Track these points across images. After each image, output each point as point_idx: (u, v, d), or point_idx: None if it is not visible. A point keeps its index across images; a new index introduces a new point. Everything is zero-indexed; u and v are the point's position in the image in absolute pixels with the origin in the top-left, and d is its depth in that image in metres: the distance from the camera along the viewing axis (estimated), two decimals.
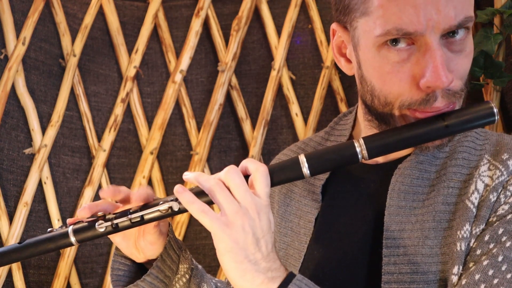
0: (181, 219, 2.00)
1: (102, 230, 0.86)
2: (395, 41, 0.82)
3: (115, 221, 0.86)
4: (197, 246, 2.02)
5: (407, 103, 0.84)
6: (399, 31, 0.80)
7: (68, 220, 0.90)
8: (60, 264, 1.86)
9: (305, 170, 0.84)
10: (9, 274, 1.77)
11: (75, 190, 1.95)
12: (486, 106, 0.84)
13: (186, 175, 0.84)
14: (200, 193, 0.81)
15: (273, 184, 0.83)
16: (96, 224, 0.86)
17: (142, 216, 0.85)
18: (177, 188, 0.80)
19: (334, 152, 0.86)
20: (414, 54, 0.82)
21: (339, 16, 0.91)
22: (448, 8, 0.79)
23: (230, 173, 0.80)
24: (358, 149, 0.84)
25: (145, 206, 0.87)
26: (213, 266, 1.98)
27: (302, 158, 0.84)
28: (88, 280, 1.93)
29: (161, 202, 0.85)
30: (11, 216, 1.79)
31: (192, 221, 2.03)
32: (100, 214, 0.88)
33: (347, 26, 0.90)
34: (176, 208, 0.83)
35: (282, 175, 0.84)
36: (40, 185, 1.86)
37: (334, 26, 0.94)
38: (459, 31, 0.83)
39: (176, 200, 0.83)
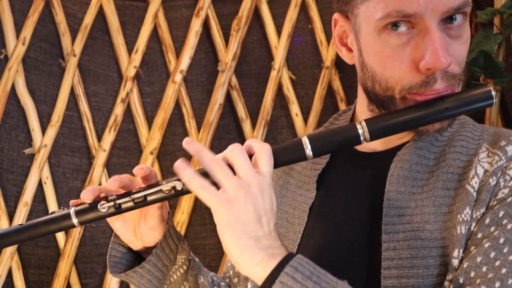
0: (181, 219, 2.00)
1: (104, 211, 0.85)
2: (395, 25, 0.84)
3: (118, 202, 0.85)
4: (197, 246, 2.02)
5: (407, 87, 0.86)
6: (399, 13, 0.82)
7: (71, 202, 0.90)
8: (60, 264, 1.86)
9: (308, 151, 0.84)
10: (9, 274, 1.77)
11: (75, 190, 1.95)
12: (485, 88, 0.86)
13: (188, 143, 0.81)
14: (202, 174, 0.80)
15: (276, 165, 0.83)
16: (99, 205, 0.85)
17: (145, 196, 0.84)
18: (178, 163, 0.79)
19: (336, 133, 0.86)
20: (414, 38, 0.84)
21: (340, 6, 0.93)
22: None
23: (234, 151, 0.79)
24: (360, 131, 0.85)
25: (148, 186, 0.86)
26: (213, 266, 1.98)
27: (305, 140, 0.85)
28: (88, 280, 1.93)
29: (164, 183, 0.84)
30: (11, 216, 1.79)
31: (192, 221, 2.03)
32: (102, 195, 0.87)
33: (348, 15, 0.92)
34: (179, 188, 0.83)
35: (285, 156, 0.85)
36: (40, 185, 1.86)
37: (335, 16, 0.96)
38: (457, 16, 0.85)
39: (179, 180, 0.82)
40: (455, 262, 0.81)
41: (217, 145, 2.06)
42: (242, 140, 2.06)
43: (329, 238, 0.95)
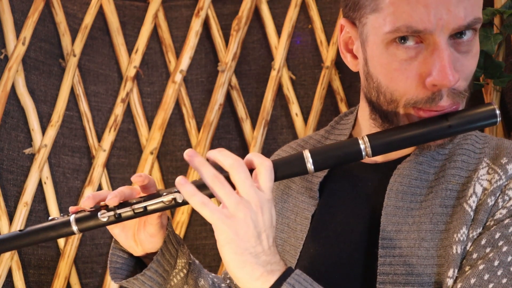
0: (181, 219, 2.00)
1: (104, 219, 0.86)
2: (403, 39, 0.83)
3: (118, 211, 0.86)
4: (197, 246, 2.02)
5: (412, 101, 0.85)
6: (408, 29, 0.81)
7: (71, 208, 0.90)
8: (60, 264, 1.86)
9: (309, 165, 0.84)
10: (9, 274, 1.77)
11: (75, 190, 1.95)
12: (489, 107, 0.86)
13: (190, 156, 0.82)
14: (201, 186, 0.81)
15: (276, 178, 0.83)
16: (99, 213, 0.86)
17: (145, 207, 0.85)
18: (179, 180, 0.80)
19: (338, 148, 0.86)
20: (422, 52, 0.83)
21: (348, 12, 0.92)
22: (459, 9, 0.80)
23: (236, 167, 0.80)
24: (362, 146, 0.85)
25: (149, 197, 0.87)
26: (213, 266, 1.98)
27: (307, 154, 0.84)
28: (88, 280, 1.93)
29: (164, 193, 0.85)
30: (11, 216, 1.79)
31: (192, 221, 2.03)
32: (102, 204, 0.88)
33: (355, 22, 0.91)
34: (180, 200, 0.83)
35: (286, 170, 0.85)
36: (40, 185, 1.86)
37: (342, 21, 0.94)
38: (467, 32, 0.84)
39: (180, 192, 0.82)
40: (450, 281, 0.81)
41: (217, 145, 2.05)
42: (242, 140, 2.06)
43: (328, 248, 0.95)
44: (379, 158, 0.97)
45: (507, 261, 0.79)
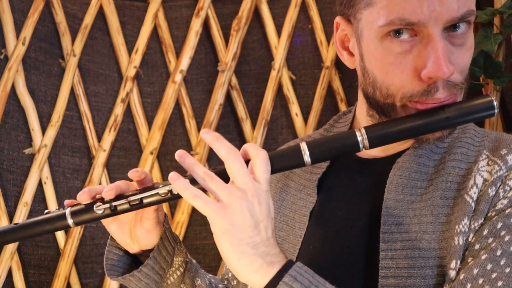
0: (181, 219, 2.00)
1: (100, 212, 0.85)
2: (398, 33, 0.83)
3: (114, 204, 0.85)
4: (197, 246, 2.02)
5: (408, 95, 0.85)
6: (402, 21, 0.81)
7: (66, 202, 0.90)
8: (60, 264, 1.86)
9: (306, 157, 0.84)
10: (9, 274, 1.76)
11: (75, 190, 1.94)
12: (486, 99, 0.85)
13: (180, 156, 0.82)
14: (195, 181, 0.81)
15: (273, 171, 0.83)
16: (94, 206, 0.85)
17: (141, 199, 0.85)
18: (172, 175, 0.80)
19: (335, 140, 0.86)
20: (417, 46, 0.84)
21: (343, 10, 0.92)
22: (451, 1, 0.81)
23: (231, 157, 0.79)
24: (359, 138, 0.84)
25: (144, 189, 0.86)
26: (213, 266, 1.98)
27: (304, 146, 0.84)
28: (88, 280, 1.93)
29: (160, 186, 0.84)
30: (11, 216, 1.79)
31: (192, 221, 2.03)
32: (98, 196, 0.87)
33: (350, 19, 0.91)
34: (175, 192, 0.83)
35: (282, 162, 0.84)
36: (40, 185, 1.86)
37: (337, 19, 0.95)
38: (461, 25, 0.84)
39: None
40: (452, 273, 0.81)
41: None
42: (242, 140, 2.06)
43: (328, 244, 0.94)
44: (378, 153, 0.97)
45: (510, 251, 0.79)
